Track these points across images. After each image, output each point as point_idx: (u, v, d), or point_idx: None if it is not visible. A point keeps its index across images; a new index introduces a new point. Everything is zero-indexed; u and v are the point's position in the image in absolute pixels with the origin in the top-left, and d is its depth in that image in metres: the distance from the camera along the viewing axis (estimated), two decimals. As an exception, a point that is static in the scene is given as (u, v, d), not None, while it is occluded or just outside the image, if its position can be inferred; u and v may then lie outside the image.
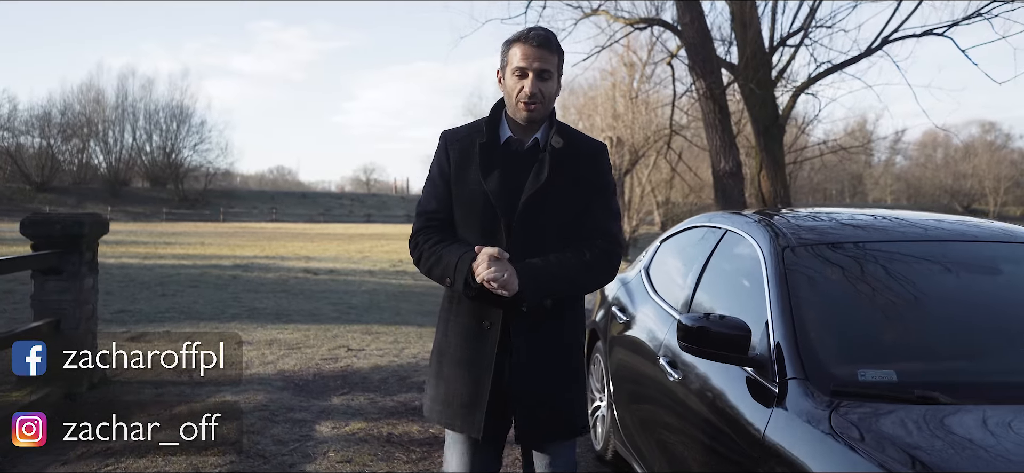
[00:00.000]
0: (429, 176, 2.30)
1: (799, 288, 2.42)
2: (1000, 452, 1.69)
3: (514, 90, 2.19)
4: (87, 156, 66.38)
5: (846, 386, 2.05)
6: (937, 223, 2.88)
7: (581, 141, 2.31)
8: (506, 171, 2.20)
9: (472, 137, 2.25)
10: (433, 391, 2.30)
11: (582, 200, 2.23)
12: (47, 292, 5.33)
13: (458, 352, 2.23)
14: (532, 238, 2.17)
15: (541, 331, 2.20)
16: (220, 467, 3.93)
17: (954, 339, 2.29)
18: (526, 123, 2.22)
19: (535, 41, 2.17)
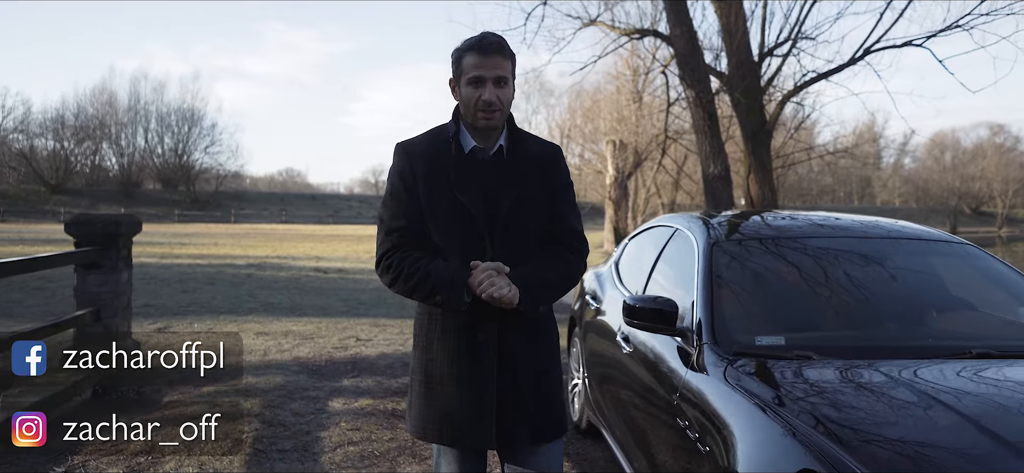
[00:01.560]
0: (391, 192, 2.24)
1: (719, 275, 3.00)
2: (837, 387, 2.27)
3: (472, 99, 2.15)
4: (100, 158, 67.42)
5: (746, 349, 2.64)
6: (843, 223, 3.46)
7: (541, 145, 2.33)
8: (479, 182, 2.19)
9: (435, 148, 2.22)
10: (425, 411, 2.24)
11: (551, 203, 2.26)
12: (88, 285, 5.94)
13: (452, 368, 2.19)
14: (514, 246, 2.18)
15: (528, 337, 2.22)
16: (246, 435, 4.52)
17: (833, 314, 2.87)
18: (485, 130, 2.20)
19: (489, 49, 2.14)
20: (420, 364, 2.27)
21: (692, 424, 2.49)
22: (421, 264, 2.14)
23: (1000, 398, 2.17)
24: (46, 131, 63.89)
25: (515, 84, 2.24)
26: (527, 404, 2.20)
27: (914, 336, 2.77)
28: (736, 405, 2.29)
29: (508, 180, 2.21)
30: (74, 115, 64.65)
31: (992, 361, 2.49)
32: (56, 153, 63.42)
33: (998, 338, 2.84)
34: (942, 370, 2.37)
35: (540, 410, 2.22)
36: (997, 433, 1.92)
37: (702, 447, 2.36)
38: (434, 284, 2.11)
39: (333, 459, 4.13)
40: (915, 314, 2.91)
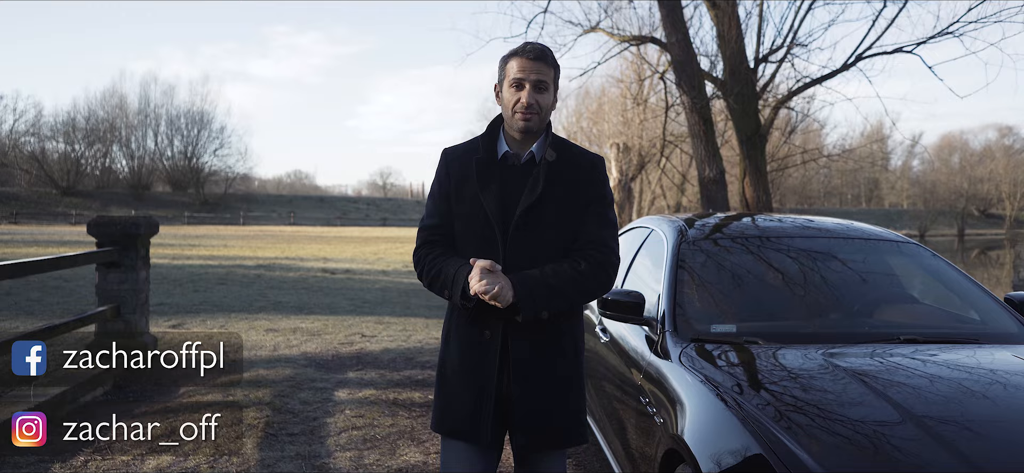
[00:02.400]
0: (431, 193, 2.38)
1: (684, 270, 3.34)
2: (773, 366, 2.61)
3: (511, 101, 2.24)
4: (110, 161, 68.13)
5: (702, 335, 2.98)
6: (800, 224, 3.80)
7: (577, 154, 2.35)
8: (503, 185, 2.25)
9: (470, 153, 2.32)
10: (439, 403, 2.34)
11: (578, 212, 2.27)
12: (109, 282, 6.31)
13: (460, 363, 2.27)
14: (528, 250, 2.22)
15: (539, 341, 2.25)
16: (258, 421, 4.87)
17: (783, 305, 3.20)
18: (522, 134, 2.26)
19: (531, 54, 2.23)
20: (441, 356, 2.38)
21: (651, 400, 2.83)
22: (439, 261, 2.26)
23: (909, 376, 2.50)
24: (57, 134, 64.68)
25: (557, 96, 2.32)
26: (527, 408, 2.23)
27: (852, 324, 3.11)
28: (685, 382, 2.63)
29: (531, 185, 2.25)
30: (85, 118, 65.43)
31: (916, 345, 2.82)
32: (67, 156, 64.16)
33: (926, 326, 3.16)
34: (868, 353, 2.71)
35: (539, 416, 2.24)
36: (901, 404, 2.26)
37: (657, 419, 2.71)
38: (443, 280, 2.23)
39: (338, 442, 4.48)
40: (857, 305, 3.25)
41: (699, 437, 2.34)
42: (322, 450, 4.34)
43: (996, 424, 2.21)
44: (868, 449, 2.07)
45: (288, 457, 4.21)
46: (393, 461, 4.16)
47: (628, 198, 28.01)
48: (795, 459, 2.02)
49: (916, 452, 2.03)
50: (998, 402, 2.35)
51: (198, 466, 4.06)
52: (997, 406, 2.32)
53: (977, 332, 3.11)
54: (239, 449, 4.33)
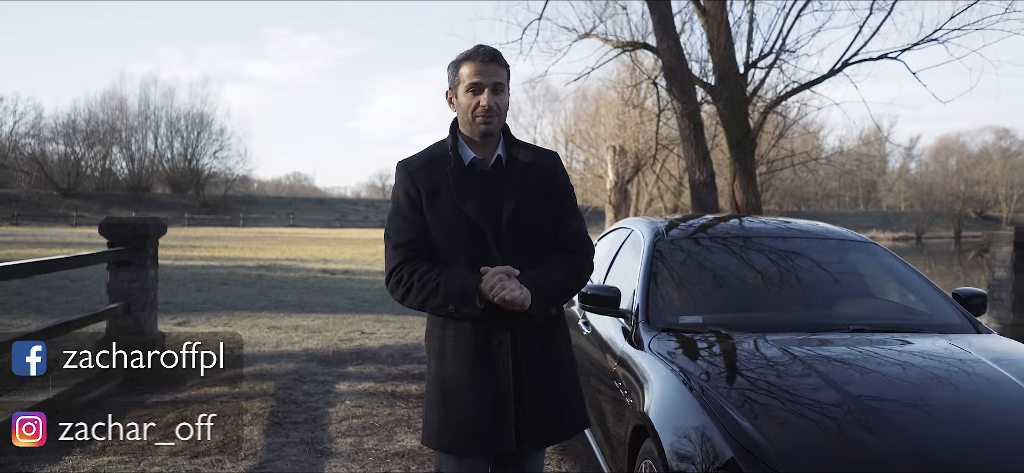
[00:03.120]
0: (396, 209, 2.30)
1: (658, 268, 3.64)
2: (731, 352, 2.91)
3: (470, 106, 2.22)
4: (110, 163, 68.43)
5: (671, 325, 3.27)
6: (769, 226, 4.10)
7: (539, 152, 2.38)
8: (481, 192, 2.24)
9: (436, 163, 2.28)
10: (441, 420, 2.26)
11: (553, 208, 2.32)
12: (120, 281, 6.60)
13: (467, 377, 2.22)
14: (520, 253, 2.22)
15: (544, 339, 2.28)
16: (263, 410, 5.16)
17: (747, 299, 3.50)
18: (483, 138, 2.25)
19: (485, 57, 2.22)
20: (436, 375, 2.28)
21: (623, 384, 3.13)
22: (432, 276, 2.17)
23: (851, 361, 2.80)
24: (57, 136, 64.98)
25: (510, 94, 2.32)
26: (544, 405, 2.25)
27: (808, 316, 3.40)
28: (652, 366, 2.92)
29: (509, 188, 2.26)
30: (85, 120, 65.73)
31: (864, 335, 3.12)
32: (67, 158, 64.44)
33: (874, 318, 3.46)
34: (819, 341, 3.01)
35: (553, 410, 2.28)
36: (841, 385, 2.56)
37: (628, 400, 3.00)
38: (446, 294, 2.14)
39: (338, 429, 4.77)
40: (815, 299, 3.55)
41: (661, 415, 2.63)
42: (324, 436, 4.64)
43: (924, 402, 2.50)
44: (807, 422, 2.36)
45: (292, 443, 4.50)
46: (391, 446, 4.46)
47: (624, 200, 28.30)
48: (741, 431, 2.31)
49: (848, 426, 2.32)
50: (929, 383, 2.64)
51: (208, 450, 4.35)
52: (928, 387, 2.62)
53: (921, 323, 3.41)
54: (247, 436, 4.62)
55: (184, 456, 4.25)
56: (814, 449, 2.22)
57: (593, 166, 41.84)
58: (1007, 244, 7.92)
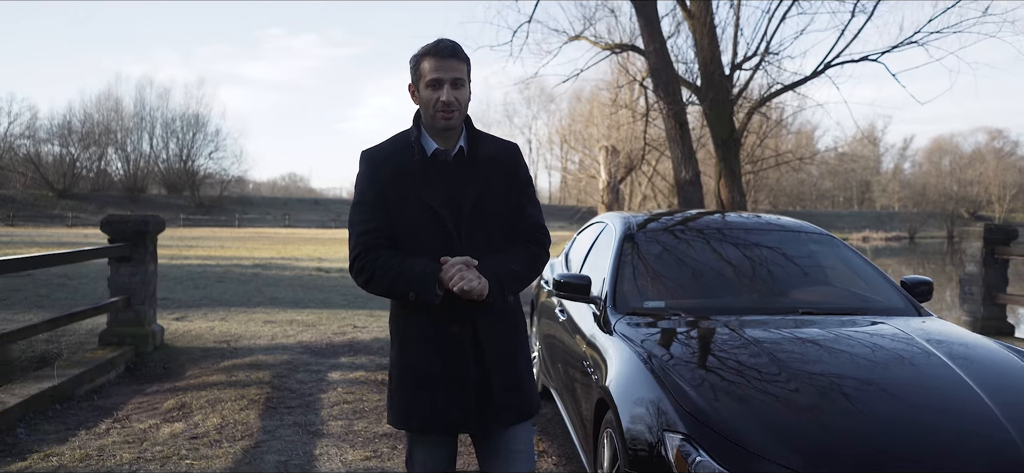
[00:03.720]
0: (361, 198, 2.33)
1: (626, 258, 3.91)
2: (687, 333, 3.18)
3: (430, 101, 2.25)
4: (105, 163, 68.53)
5: (636, 309, 3.54)
6: (731, 220, 4.38)
7: (501, 144, 2.44)
8: (444, 183, 2.28)
9: (399, 153, 2.32)
10: (406, 403, 2.33)
11: (513, 198, 2.38)
12: (121, 275, 6.85)
13: (428, 363, 2.28)
14: (481, 242, 2.28)
15: (502, 325, 2.34)
16: (259, 397, 5.42)
17: (707, 285, 3.77)
18: (444, 131, 2.28)
19: (445, 52, 2.24)
20: (398, 360, 2.36)
21: (590, 363, 3.40)
22: (394, 263, 2.22)
23: (796, 339, 3.07)
24: (53, 137, 65.06)
25: (470, 88, 2.35)
26: (500, 390, 2.29)
27: (763, 301, 3.67)
28: (615, 345, 3.19)
29: (470, 179, 2.30)
30: (81, 121, 65.82)
31: (812, 317, 3.40)
32: (62, 159, 64.54)
33: (825, 302, 3.73)
34: (769, 323, 3.28)
35: (512, 394, 2.33)
36: (782, 359, 2.83)
37: (593, 376, 3.27)
38: (407, 281, 2.19)
39: (330, 413, 5.03)
40: (771, 285, 3.82)
41: (620, 388, 2.89)
42: (317, 419, 4.90)
43: (857, 373, 2.76)
44: (750, 393, 2.62)
45: (287, 425, 4.76)
46: (379, 428, 4.71)
47: (616, 200, 28.57)
48: (690, 401, 2.57)
49: (786, 395, 2.59)
50: (864, 358, 2.91)
51: (207, 432, 4.60)
52: (862, 361, 2.88)
53: (868, 307, 3.68)
54: (244, 419, 4.87)
55: (184, 437, 4.50)
56: (754, 414, 2.48)
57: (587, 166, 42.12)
58: (977, 240, 8.21)
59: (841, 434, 2.35)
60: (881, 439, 2.33)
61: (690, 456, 2.36)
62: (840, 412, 2.47)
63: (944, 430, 2.41)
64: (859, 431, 2.36)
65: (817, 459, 2.25)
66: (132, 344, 6.69)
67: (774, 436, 2.35)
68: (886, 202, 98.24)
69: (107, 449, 4.26)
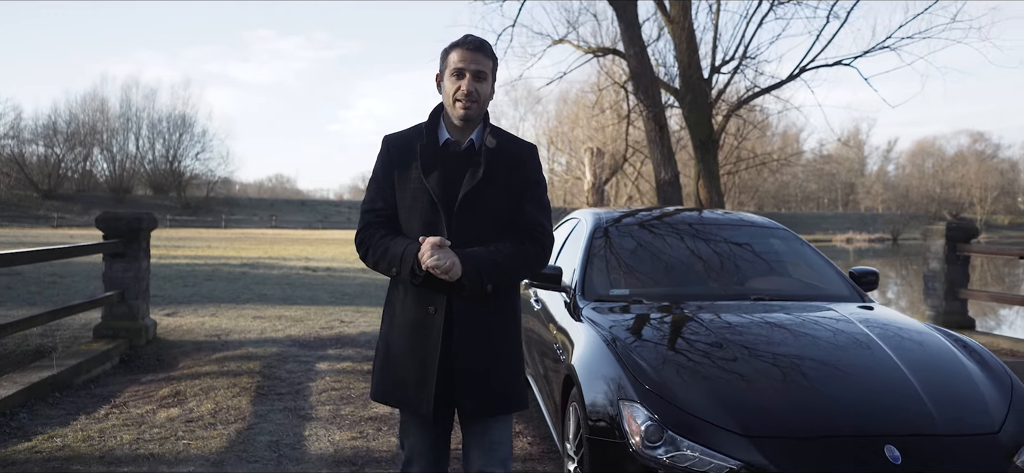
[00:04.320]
0: (373, 177, 2.47)
1: (595, 250, 4.21)
2: (646, 317, 3.48)
3: (452, 90, 2.33)
4: (91, 164, 68.27)
5: (602, 297, 3.85)
6: (692, 215, 4.69)
7: (514, 142, 2.47)
8: (445, 170, 2.35)
9: (413, 140, 2.42)
10: (382, 374, 2.43)
11: (515, 196, 2.39)
12: (115, 271, 7.08)
13: (405, 338, 2.36)
14: (470, 231, 2.32)
15: (482, 315, 2.35)
16: (250, 385, 5.67)
17: (669, 274, 4.08)
18: (462, 122, 2.35)
19: (471, 46, 2.34)
20: (383, 333, 2.48)
21: (560, 346, 3.69)
22: (384, 240, 2.35)
23: (745, 322, 3.38)
24: (37, 137, 64.72)
25: (494, 86, 2.43)
26: (464, 374, 2.33)
27: (719, 288, 3.98)
28: (582, 330, 3.49)
29: (471, 169, 2.36)
30: (66, 122, 65.53)
31: (764, 303, 3.71)
32: (47, 159, 64.24)
33: (777, 290, 4.04)
34: (723, 308, 3.59)
35: (478, 381, 2.34)
36: (731, 339, 3.13)
37: (561, 357, 3.57)
38: (390, 259, 2.31)
39: (319, 399, 5.30)
40: (728, 274, 4.13)
41: (584, 366, 3.19)
42: (306, 405, 5.16)
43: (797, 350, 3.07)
44: (695, 366, 2.93)
45: (277, 410, 5.03)
46: (365, 412, 4.99)
47: (601, 201, 28.91)
48: (642, 372, 2.88)
49: (731, 370, 2.89)
50: (805, 338, 3.22)
51: (202, 416, 4.86)
52: (803, 340, 3.19)
53: (815, 294, 4.00)
54: (236, 404, 5.13)
55: (180, 421, 4.75)
56: (699, 385, 2.78)
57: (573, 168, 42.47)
58: (939, 238, 8.57)
59: (772, 400, 2.66)
60: (807, 404, 2.64)
61: (641, 419, 2.66)
62: (774, 382, 2.78)
63: (865, 397, 2.73)
64: (789, 397, 2.67)
65: (749, 421, 2.56)
66: (126, 337, 6.92)
67: (714, 402, 2.66)
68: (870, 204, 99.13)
69: (108, 431, 4.51)
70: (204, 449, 4.24)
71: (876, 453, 2.44)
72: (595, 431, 2.86)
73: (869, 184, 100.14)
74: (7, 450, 4.15)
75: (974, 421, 2.65)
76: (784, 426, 2.55)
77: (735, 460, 2.47)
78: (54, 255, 6.20)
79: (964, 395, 2.78)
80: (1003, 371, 3.00)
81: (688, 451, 2.55)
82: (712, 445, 2.53)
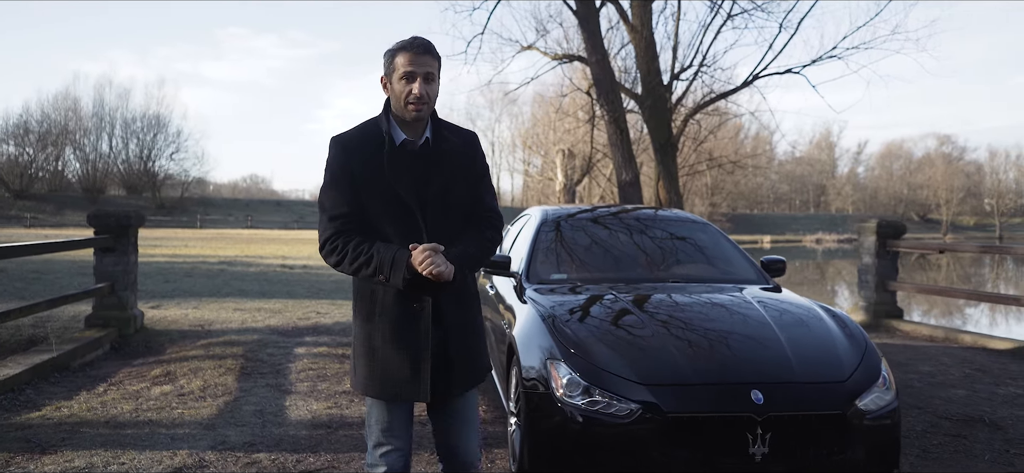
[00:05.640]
0: (331, 181, 2.46)
1: (540, 241, 4.85)
2: (577, 296, 4.12)
3: (403, 93, 2.39)
4: (63, 164, 67.82)
5: (544, 281, 4.48)
6: (629, 211, 5.34)
7: (462, 134, 2.58)
8: (411, 172, 2.42)
9: (369, 141, 2.45)
10: (369, 371, 2.47)
11: (473, 184, 2.54)
12: (105, 264, 7.60)
13: (393, 335, 2.42)
14: (444, 226, 2.43)
15: (461, 302, 2.51)
16: (235, 366, 6.23)
17: (603, 263, 4.72)
18: (414, 122, 2.43)
19: (419, 49, 2.39)
20: (363, 332, 2.49)
21: (507, 323, 4.32)
22: (364, 247, 2.36)
23: (658, 299, 4.03)
24: (8, 137, 64.17)
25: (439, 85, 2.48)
26: (457, 359, 2.47)
27: (644, 273, 4.63)
28: (524, 307, 4.12)
29: (435, 168, 2.44)
30: (37, 121, 65.07)
31: (679, 285, 4.36)
32: (18, 159, 63.75)
33: (693, 274, 4.71)
34: (643, 289, 4.23)
35: (467, 363, 2.51)
36: (642, 312, 3.78)
37: (507, 331, 4.19)
38: (378, 264, 2.33)
39: (298, 377, 5.89)
40: (655, 262, 4.78)
41: (521, 336, 3.82)
42: (286, 382, 5.75)
43: (697, 320, 3.72)
44: (609, 333, 3.57)
45: (261, 386, 5.60)
46: (339, 387, 5.58)
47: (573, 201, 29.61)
48: (567, 338, 3.51)
49: (640, 335, 3.53)
50: (706, 311, 3.87)
51: (192, 391, 5.42)
52: (704, 313, 3.84)
53: (726, 277, 4.66)
54: (223, 381, 5.70)
55: (173, 395, 5.31)
56: (610, 346, 3.42)
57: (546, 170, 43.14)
58: (871, 235, 9.31)
59: (667, 357, 3.31)
60: (694, 359, 3.29)
61: (563, 374, 3.30)
62: (671, 343, 3.43)
63: (741, 353, 3.39)
64: (680, 354, 3.32)
65: (646, 372, 3.20)
66: (116, 326, 7.44)
67: (622, 360, 3.30)
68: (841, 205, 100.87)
69: (108, 403, 5.07)
70: (197, 416, 4.81)
71: (744, 395, 3.09)
72: (528, 386, 3.48)
73: (840, 186, 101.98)
74: (22, 417, 4.70)
75: (827, 372, 3.31)
76: (673, 375, 3.20)
77: (634, 403, 3.11)
78: (49, 249, 6.71)
79: (823, 353, 3.44)
80: (861, 336, 3.67)
81: (598, 397, 3.18)
82: (617, 392, 3.16)
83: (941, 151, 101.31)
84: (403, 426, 2.52)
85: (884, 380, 3.38)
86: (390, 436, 2.49)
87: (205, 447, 4.21)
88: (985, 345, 7.74)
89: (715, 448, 3.06)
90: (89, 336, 6.96)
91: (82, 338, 6.84)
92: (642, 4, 13.12)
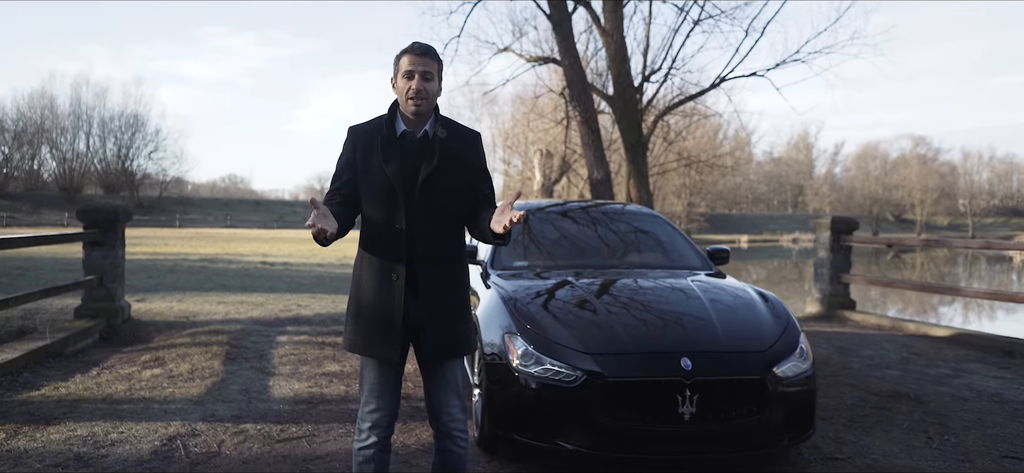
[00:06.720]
0: (341, 157, 2.79)
1: (505, 231, 5.28)
2: (535, 281, 4.55)
3: (404, 90, 2.66)
4: (39, 163, 67.37)
5: (507, 267, 4.91)
6: (588, 206, 5.78)
7: (461, 130, 2.82)
8: (403, 158, 2.68)
9: (374, 131, 2.74)
10: (353, 328, 2.78)
11: (466, 179, 2.76)
12: (93, 258, 7.92)
13: (373, 298, 2.71)
14: (427, 213, 2.68)
15: (438, 278, 2.71)
16: (220, 352, 6.61)
17: (561, 251, 5.16)
18: (414, 117, 2.68)
19: (418, 51, 2.68)
20: (354, 295, 2.81)
21: (475, 305, 4.74)
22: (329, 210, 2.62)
23: (608, 283, 4.47)
24: (-18, 136, 63.69)
25: (441, 85, 2.75)
26: (429, 328, 2.70)
27: (599, 261, 5.08)
28: (486, 291, 4.54)
29: (427, 158, 2.69)
30: (13, 120, 64.60)
31: (630, 271, 4.81)
32: (-7, 158, 63.32)
33: (644, 262, 5.16)
34: (597, 275, 4.68)
35: (439, 333, 2.71)
36: (592, 294, 4.21)
37: (475, 313, 4.62)
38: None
39: (280, 361, 6.28)
40: (609, 251, 5.23)
41: (483, 315, 4.25)
42: (269, 365, 6.13)
43: (639, 302, 4.17)
44: (561, 311, 4.00)
45: (246, 369, 5.99)
46: (320, 369, 5.98)
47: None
48: (523, 315, 3.94)
49: (588, 314, 3.97)
50: (648, 294, 4.32)
51: (181, 373, 5.80)
52: (646, 295, 4.29)
53: (673, 265, 5.12)
54: (210, 365, 6.08)
55: (163, 377, 5.68)
56: (561, 322, 3.85)
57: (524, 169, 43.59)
58: (826, 230, 9.83)
59: (610, 330, 3.75)
60: (633, 332, 3.74)
61: (519, 346, 3.73)
62: (615, 318, 3.88)
63: (675, 327, 3.84)
64: (622, 327, 3.76)
65: (591, 344, 3.64)
66: (104, 317, 7.77)
67: (571, 333, 3.74)
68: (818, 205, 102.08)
69: (103, 384, 5.43)
70: (187, 394, 5.19)
71: (675, 362, 3.54)
72: (489, 358, 3.91)
73: (817, 186, 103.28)
74: (23, 395, 5.06)
75: (749, 343, 3.77)
76: (614, 345, 3.64)
77: (579, 370, 3.55)
78: (41, 241, 7.04)
79: (747, 326, 3.90)
80: (784, 313, 4.14)
81: (549, 365, 3.62)
82: (566, 361, 3.60)
83: (916, 152, 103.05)
84: (390, 389, 2.80)
85: (801, 351, 3.85)
86: (378, 397, 2.79)
87: (196, 419, 4.60)
88: (927, 332, 8.27)
89: (650, 408, 3.50)
90: (79, 326, 7.28)
91: (72, 328, 7.17)
92: (614, 8, 13.60)
